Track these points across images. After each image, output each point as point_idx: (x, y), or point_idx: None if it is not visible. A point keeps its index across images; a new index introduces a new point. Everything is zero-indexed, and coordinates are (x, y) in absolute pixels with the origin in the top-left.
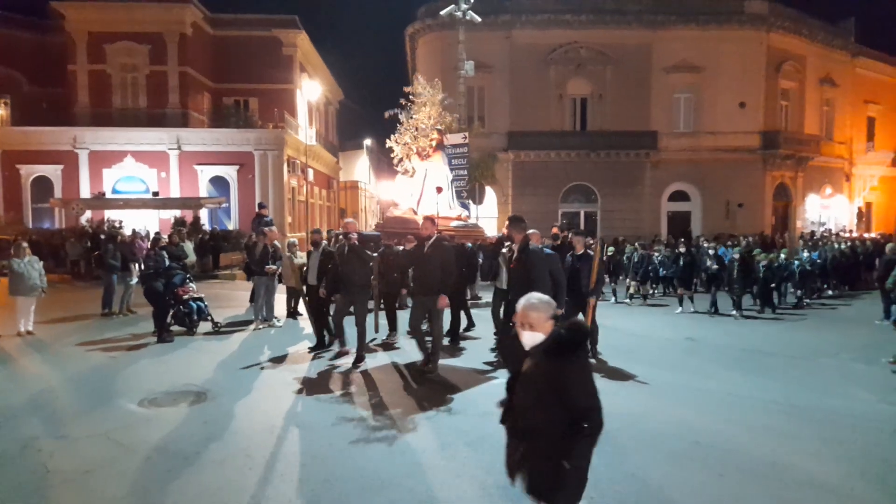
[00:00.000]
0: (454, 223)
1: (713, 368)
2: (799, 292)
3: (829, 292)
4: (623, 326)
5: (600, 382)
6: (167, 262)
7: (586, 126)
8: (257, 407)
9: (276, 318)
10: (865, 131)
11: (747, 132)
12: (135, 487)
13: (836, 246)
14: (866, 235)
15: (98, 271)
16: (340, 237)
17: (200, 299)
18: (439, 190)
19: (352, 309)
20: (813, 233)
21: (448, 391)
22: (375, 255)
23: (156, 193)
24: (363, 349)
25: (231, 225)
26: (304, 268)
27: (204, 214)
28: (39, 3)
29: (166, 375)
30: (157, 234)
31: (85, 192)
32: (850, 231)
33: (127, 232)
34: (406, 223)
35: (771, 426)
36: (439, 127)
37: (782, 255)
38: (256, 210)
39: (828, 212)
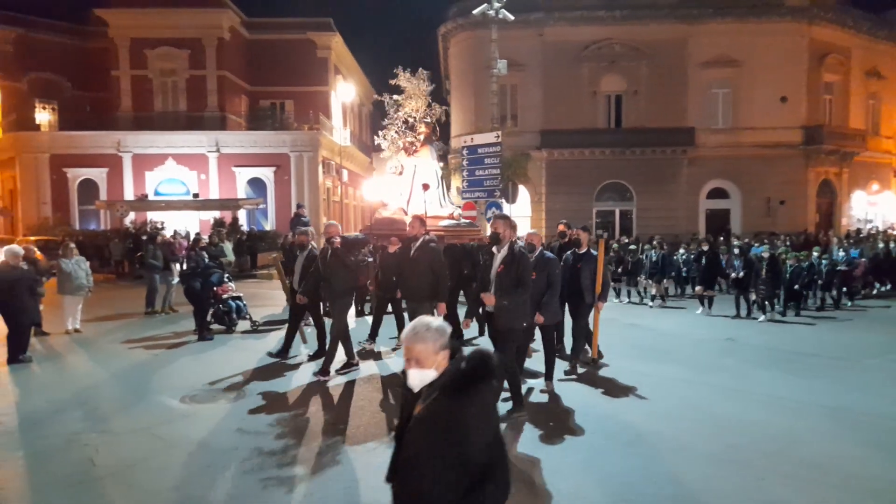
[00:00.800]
0: (445, 222)
1: (752, 369)
2: (829, 294)
3: (874, 292)
4: (657, 326)
5: (636, 381)
6: (206, 262)
7: (621, 123)
8: (293, 404)
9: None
10: None
11: (788, 127)
12: (176, 481)
13: (880, 245)
14: None
15: (141, 271)
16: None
17: (239, 298)
18: (426, 187)
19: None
20: (859, 231)
21: None
22: (369, 259)
23: (196, 195)
24: (330, 361)
25: (268, 225)
26: None
27: (242, 215)
28: (83, 11)
29: (206, 372)
30: (197, 234)
31: (128, 194)
32: None
33: (168, 233)
34: (394, 224)
35: (814, 428)
36: (427, 120)
37: (814, 254)
38: (295, 210)
39: (875, 209)
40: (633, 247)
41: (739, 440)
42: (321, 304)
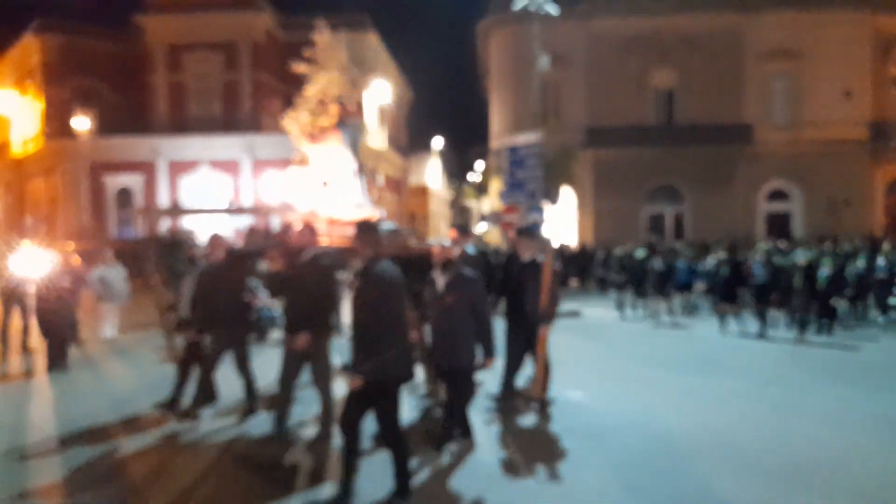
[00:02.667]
0: None
1: (814, 381)
2: (858, 304)
3: None
4: (703, 334)
5: (688, 396)
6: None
7: (672, 120)
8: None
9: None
10: None
11: (854, 123)
12: (207, 488)
13: None
14: None
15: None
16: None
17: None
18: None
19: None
20: None
21: None
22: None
23: (230, 201)
24: (255, 401)
25: None
26: None
27: (275, 221)
28: (121, 17)
29: (239, 381)
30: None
31: (164, 200)
32: None
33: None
34: (269, 236)
35: (883, 444)
36: (342, 98)
37: (859, 262)
38: None
39: None
40: (640, 254)
41: (801, 458)
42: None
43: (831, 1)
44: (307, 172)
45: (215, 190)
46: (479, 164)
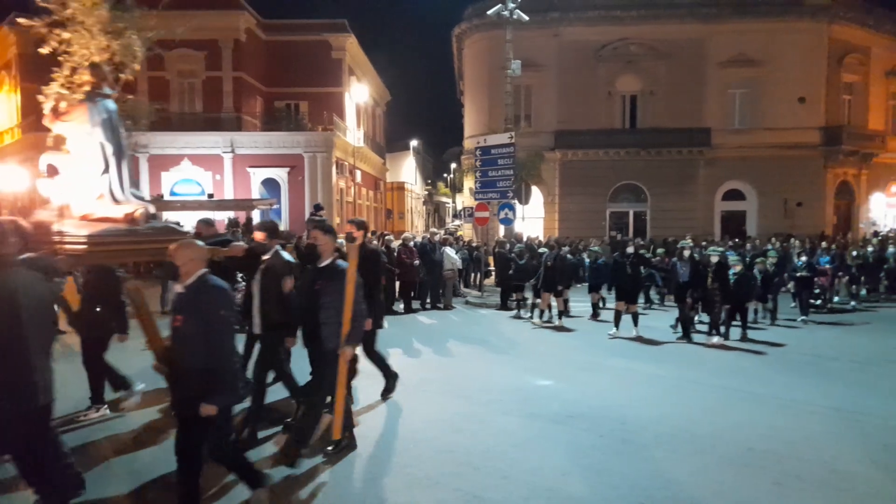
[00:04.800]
0: (103, 229)
1: (770, 373)
2: (765, 306)
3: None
4: (658, 325)
5: (652, 387)
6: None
7: (636, 123)
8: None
9: None
10: None
11: (807, 128)
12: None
13: (869, 249)
14: None
15: (157, 270)
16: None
17: None
18: (52, 171)
19: None
20: (876, 233)
21: None
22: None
23: (211, 195)
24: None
25: (282, 226)
26: None
27: (256, 215)
28: None
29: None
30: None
31: (145, 194)
32: None
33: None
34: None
35: (832, 432)
36: (96, 61)
37: (770, 259)
38: (313, 211)
39: (894, 210)
40: (543, 249)
41: (756, 444)
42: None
43: (788, 11)
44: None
45: (197, 184)
46: (454, 164)
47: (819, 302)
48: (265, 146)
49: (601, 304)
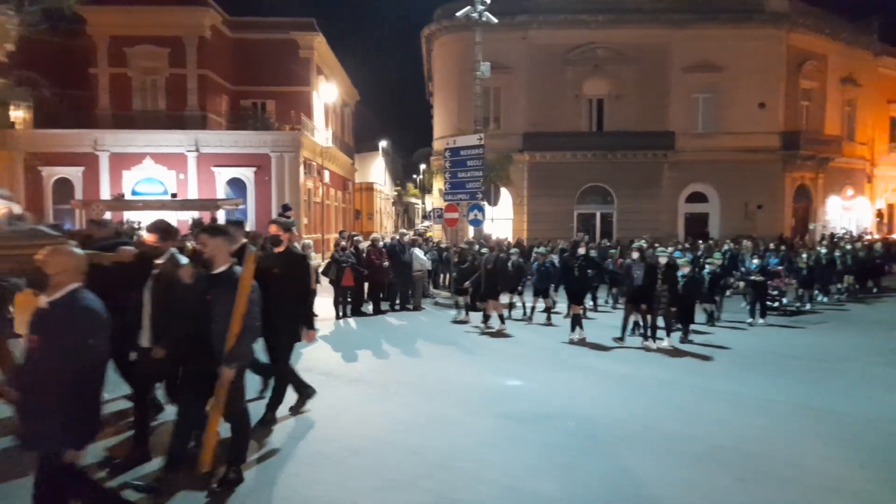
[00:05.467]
0: None
1: (735, 371)
2: (706, 306)
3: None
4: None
5: (620, 386)
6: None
7: (603, 127)
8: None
9: None
10: (888, 132)
11: (767, 132)
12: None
13: (822, 251)
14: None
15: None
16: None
17: None
18: None
19: None
20: (833, 234)
21: None
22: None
23: (174, 195)
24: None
25: (248, 226)
26: (319, 268)
27: (221, 216)
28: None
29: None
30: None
31: (105, 193)
32: (871, 233)
33: (143, 233)
34: None
35: (793, 429)
36: None
37: (716, 261)
38: (280, 212)
39: (849, 213)
40: (539, 248)
41: (721, 441)
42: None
43: (749, 19)
44: None
45: (160, 183)
46: (423, 165)
47: (777, 304)
48: (231, 145)
49: (552, 307)
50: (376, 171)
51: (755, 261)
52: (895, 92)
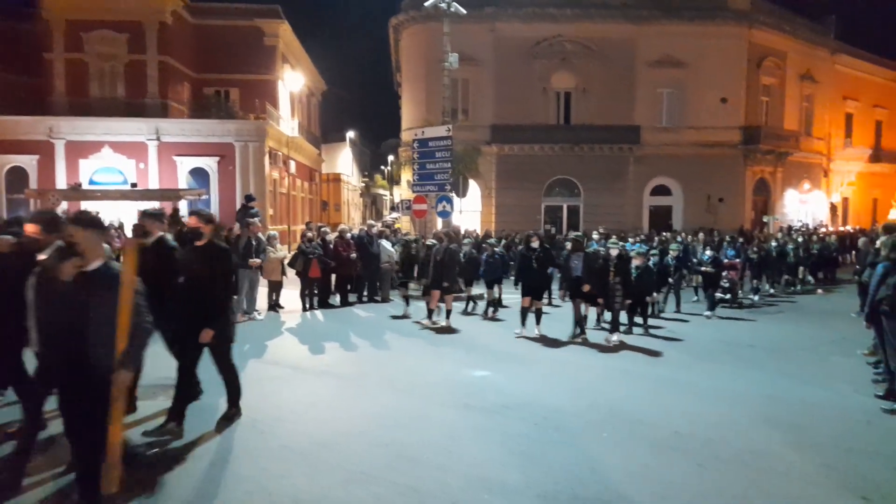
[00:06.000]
0: None
1: (694, 361)
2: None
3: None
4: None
5: (584, 377)
6: None
7: (570, 120)
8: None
9: (256, 310)
10: (843, 127)
11: (729, 127)
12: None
13: (773, 244)
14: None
15: None
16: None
17: None
18: None
19: None
20: (790, 227)
21: None
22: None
23: (134, 185)
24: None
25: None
26: (286, 259)
27: (183, 206)
28: None
29: (154, 367)
30: (135, 225)
31: (61, 183)
32: (826, 226)
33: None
34: None
35: (750, 416)
36: None
37: (671, 252)
38: (244, 202)
39: (806, 207)
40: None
41: (681, 428)
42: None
43: (713, 16)
44: None
45: (119, 173)
46: (391, 156)
47: (728, 296)
48: (193, 134)
49: (497, 300)
50: (344, 161)
51: (707, 252)
52: (851, 89)
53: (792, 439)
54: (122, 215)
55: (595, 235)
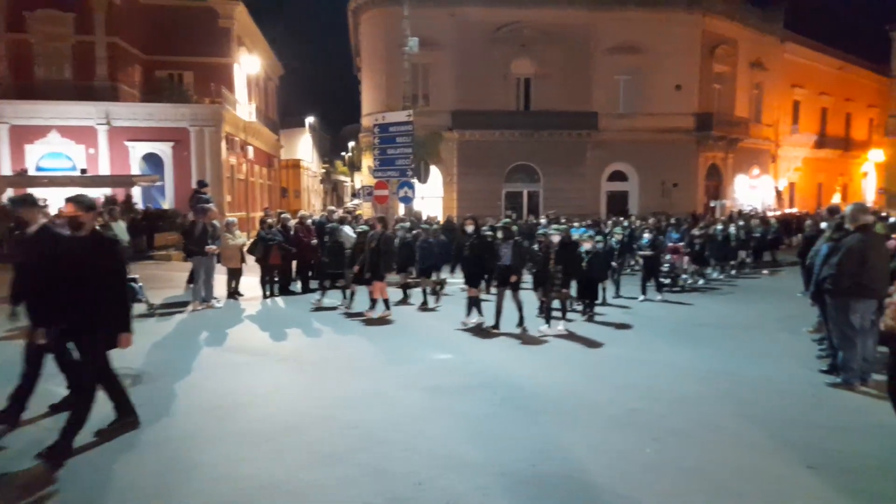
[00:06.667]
0: None
1: (649, 339)
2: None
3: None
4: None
5: (544, 357)
6: None
7: (530, 106)
8: (198, 388)
9: (215, 298)
10: (791, 114)
11: (683, 114)
12: (68, 472)
13: (718, 227)
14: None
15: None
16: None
17: (134, 280)
18: None
19: None
20: (741, 211)
21: None
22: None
23: (84, 171)
24: None
25: (166, 204)
26: (245, 247)
27: (137, 193)
28: None
29: None
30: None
31: (6, 169)
32: (774, 210)
33: (52, 211)
34: None
35: (704, 392)
36: None
37: (615, 237)
38: (196, 188)
39: (755, 192)
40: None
41: (638, 405)
42: None
43: (668, 3)
44: None
45: (67, 158)
46: (352, 142)
47: (668, 280)
48: (146, 118)
49: (439, 289)
50: (303, 147)
51: (646, 235)
52: (798, 76)
53: (742, 413)
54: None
55: (542, 221)
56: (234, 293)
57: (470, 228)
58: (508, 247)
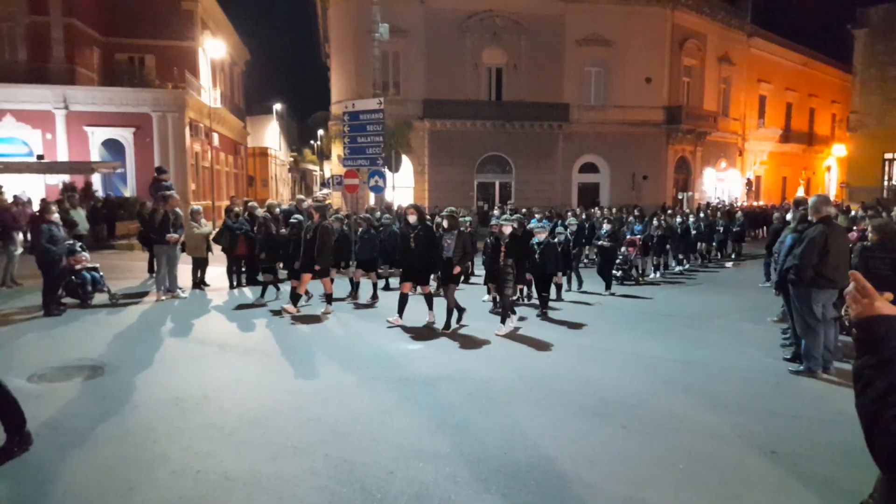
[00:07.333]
0: None
1: (617, 330)
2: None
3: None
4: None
5: (514, 347)
6: (61, 233)
7: (502, 96)
8: (160, 380)
9: (180, 288)
10: (757, 108)
11: (652, 107)
12: (24, 466)
13: (678, 219)
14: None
15: None
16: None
17: (95, 269)
18: None
19: None
20: (709, 203)
21: None
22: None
23: (40, 157)
24: None
25: (128, 192)
26: (211, 236)
27: (97, 180)
28: None
29: (58, 349)
30: (43, 201)
31: None
32: (741, 202)
33: (8, 198)
34: None
35: (670, 381)
36: None
37: (570, 227)
38: (155, 175)
39: (722, 184)
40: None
41: (606, 394)
42: None
43: None
44: None
45: (23, 143)
46: (321, 130)
47: (620, 273)
48: (105, 103)
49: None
50: (270, 135)
51: (606, 226)
52: (764, 71)
53: (708, 402)
54: (29, 189)
55: (496, 212)
56: (199, 283)
57: (413, 219)
58: (453, 237)
